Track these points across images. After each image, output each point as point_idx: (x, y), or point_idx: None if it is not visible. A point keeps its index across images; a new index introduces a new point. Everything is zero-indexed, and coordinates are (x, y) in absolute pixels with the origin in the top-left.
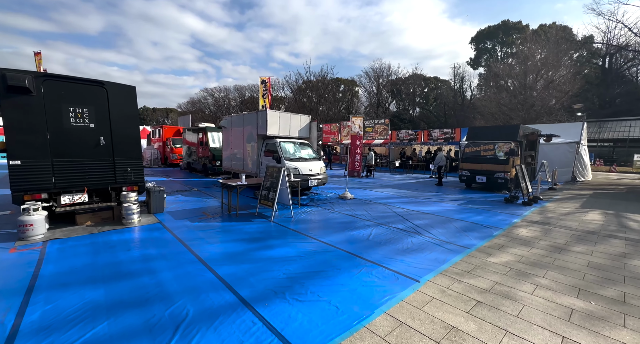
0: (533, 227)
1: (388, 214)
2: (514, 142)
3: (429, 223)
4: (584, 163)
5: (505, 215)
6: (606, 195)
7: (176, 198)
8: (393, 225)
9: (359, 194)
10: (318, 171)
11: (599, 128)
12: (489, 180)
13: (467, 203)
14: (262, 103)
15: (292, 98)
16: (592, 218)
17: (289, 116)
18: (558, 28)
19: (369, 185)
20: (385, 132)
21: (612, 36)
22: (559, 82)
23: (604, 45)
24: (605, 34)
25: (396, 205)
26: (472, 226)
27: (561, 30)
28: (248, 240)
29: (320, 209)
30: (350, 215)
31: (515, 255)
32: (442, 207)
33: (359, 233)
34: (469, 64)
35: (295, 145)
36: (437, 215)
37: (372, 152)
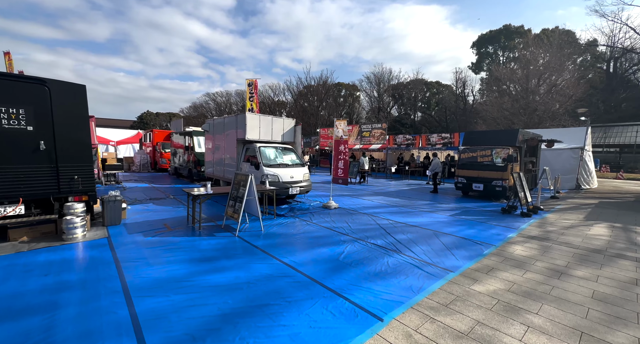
0: (530, 244)
1: (370, 227)
2: (512, 147)
3: (413, 238)
4: (588, 169)
5: (500, 228)
6: (613, 205)
7: (145, 207)
8: (372, 241)
9: (346, 203)
10: (301, 178)
11: (604, 133)
12: (486, 188)
13: (460, 214)
14: (248, 106)
15: (293, 103)
16: (597, 233)
17: (271, 119)
18: (561, 32)
19: (360, 193)
20: (382, 137)
21: (616, 40)
22: (562, 86)
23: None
24: (610, 38)
25: (382, 215)
26: (461, 243)
27: (564, 34)
28: (198, 260)
29: (297, 220)
30: (328, 227)
31: (506, 282)
32: (432, 218)
33: (329, 251)
34: (471, 69)
35: (277, 150)
36: (425, 227)
37: (365, 157)
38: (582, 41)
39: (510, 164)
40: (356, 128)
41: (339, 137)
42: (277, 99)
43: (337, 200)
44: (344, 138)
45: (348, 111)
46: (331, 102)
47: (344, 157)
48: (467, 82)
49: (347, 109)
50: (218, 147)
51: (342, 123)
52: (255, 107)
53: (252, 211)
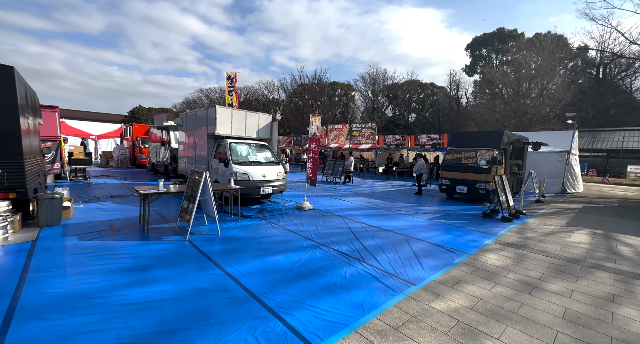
0: (506, 252)
1: (340, 231)
2: (497, 149)
3: (382, 244)
4: (574, 173)
5: (478, 233)
6: (596, 210)
7: (100, 206)
8: (336, 247)
9: (323, 204)
10: (274, 177)
11: (592, 137)
12: (470, 191)
13: (440, 218)
14: (228, 101)
15: (287, 101)
16: (577, 240)
17: (245, 114)
18: (553, 37)
19: (342, 193)
20: (372, 137)
21: (606, 45)
22: (553, 90)
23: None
24: (600, 44)
25: (357, 218)
26: (432, 250)
27: (556, 39)
28: (127, 269)
29: (263, 223)
30: (294, 231)
31: (471, 298)
32: (409, 222)
33: (285, 260)
34: (464, 71)
35: (250, 147)
36: (399, 232)
37: (351, 157)
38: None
39: (495, 166)
40: (346, 128)
41: (313, 134)
42: (271, 97)
43: (315, 200)
44: (317, 136)
45: (343, 110)
46: (326, 100)
47: (314, 155)
48: (461, 84)
49: (341, 109)
50: (190, 142)
51: (317, 120)
52: (235, 101)
53: (209, 213)
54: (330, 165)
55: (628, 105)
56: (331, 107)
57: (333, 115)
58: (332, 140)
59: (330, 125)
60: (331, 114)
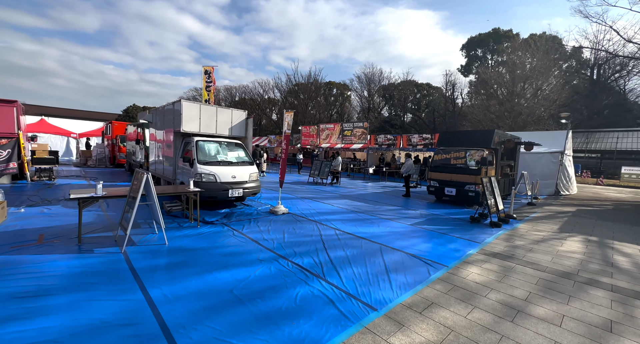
0: (490, 264)
1: (309, 239)
2: (487, 149)
3: (353, 255)
4: (568, 175)
5: (462, 241)
6: (591, 214)
7: (43, 211)
8: (297, 260)
9: (301, 207)
10: (246, 178)
11: (586, 138)
12: (459, 193)
13: (424, 223)
14: (205, 97)
15: (282, 100)
16: (570, 249)
17: (216, 110)
18: (547, 38)
19: (325, 195)
20: (364, 136)
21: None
22: (547, 91)
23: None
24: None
25: (333, 223)
26: (407, 262)
27: (550, 39)
28: (19, 295)
29: (225, 230)
30: (256, 240)
31: (441, 328)
32: (389, 228)
33: (230, 277)
34: (460, 71)
35: (221, 145)
36: (374, 241)
37: (339, 157)
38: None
39: (485, 167)
40: (338, 127)
41: (285, 131)
42: (267, 97)
43: (294, 203)
44: (287, 133)
45: (339, 110)
46: (321, 100)
47: (283, 154)
48: (457, 85)
49: (337, 108)
50: (159, 140)
51: (289, 116)
52: (212, 98)
53: (155, 219)
54: (317, 166)
55: (622, 106)
56: (327, 107)
57: (329, 115)
58: (324, 140)
59: (322, 125)
60: (327, 114)
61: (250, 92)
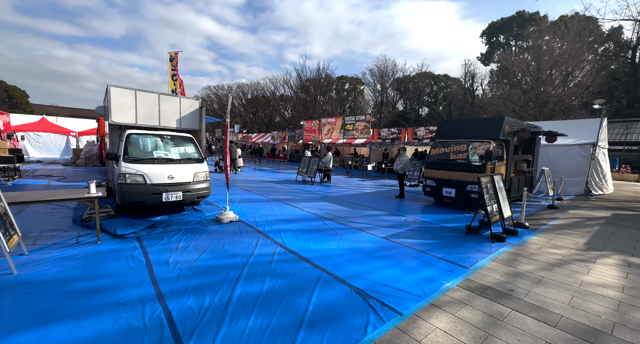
0: (471, 309)
1: (231, 262)
2: (495, 140)
3: (271, 291)
4: (602, 171)
5: (443, 265)
6: (631, 220)
7: None
8: (176, 303)
9: (262, 212)
10: (189, 179)
11: (626, 128)
12: (459, 194)
13: (403, 235)
14: (171, 88)
15: (294, 96)
16: (600, 280)
17: (158, 98)
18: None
19: (303, 197)
20: (366, 131)
21: None
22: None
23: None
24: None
25: (283, 236)
26: (344, 305)
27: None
28: None
29: (129, 247)
30: (154, 264)
31: None
32: (353, 243)
33: (39, 340)
34: (480, 60)
35: (163, 139)
36: (319, 264)
37: (329, 153)
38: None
39: (491, 163)
40: (339, 121)
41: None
42: (278, 93)
43: (257, 207)
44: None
45: (351, 105)
46: (334, 95)
47: (226, 150)
48: (476, 75)
49: (350, 103)
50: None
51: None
52: (179, 88)
53: None
54: (306, 163)
55: None
56: (340, 102)
57: (342, 110)
58: (326, 135)
59: (324, 119)
60: (340, 109)
61: (262, 89)
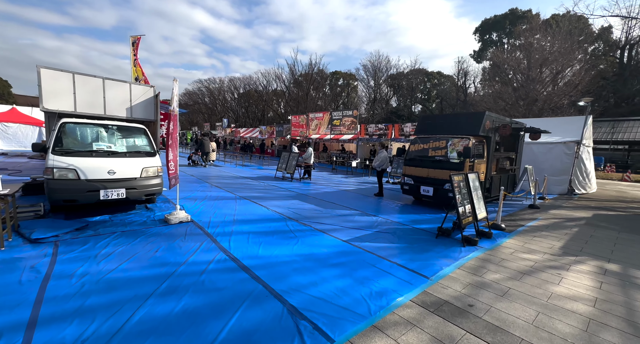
0: (418, 332)
1: (154, 274)
2: (475, 137)
3: (181, 314)
4: (585, 170)
5: (402, 274)
6: (612, 221)
7: None
8: (45, 331)
9: (222, 212)
10: (135, 174)
11: (612, 127)
12: (437, 193)
13: (368, 237)
14: (134, 75)
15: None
16: (572, 292)
17: (102, 83)
18: (571, 17)
19: (276, 194)
20: (353, 126)
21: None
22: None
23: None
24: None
25: (234, 239)
26: (265, 330)
27: (575, 19)
28: None
29: (31, 256)
30: (48, 276)
31: None
32: (310, 248)
33: None
34: (473, 57)
35: (108, 130)
36: (260, 275)
37: (310, 148)
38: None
39: (470, 160)
40: (327, 116)
41: (171, 110)
42: (271, 88)
43: (219, 206)
44: (174, 114)
45: (344, 101)
46: (327, 91)
47: (174, 142)
48: (469, 73)
49: (343, 99)
50: None
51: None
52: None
53: None
54: (285, 158)
55: None
56: (333, 97)
57: (335, 106)
58: (314, 130)
59: (311, 114)
60: (334, 105)
61: (254, 83)
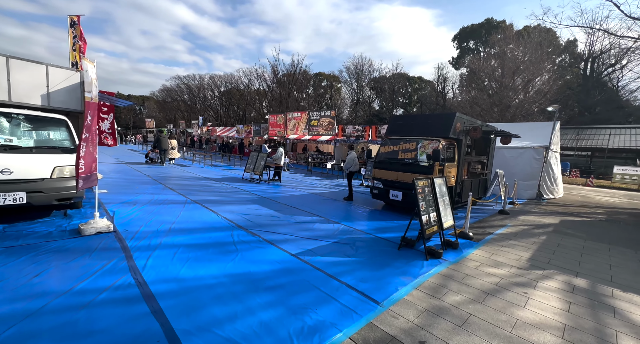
0: None
1: (6, 312)
2: (445, 139)
3: None
4: (553, 175)
5: (350, 298)
6: (578, 228)
7: None
8: None
9: (165, 218)
10: (44, 174)
11: (577, 135)
12: (406, 198)
13: (322, 250)
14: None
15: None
16: (537, 317)
17: (5, 62)
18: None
19: (234, 198)
20: (331, 127)
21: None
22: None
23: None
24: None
25: (161, 256)
26: None
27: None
28: None
29: None
30: None
31: None
32: (254, 264)
33: None
34: (451, 64)
35: (13, 119)
36: (165, 309)
37: (280, 148)
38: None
39: (439, 164)
40: (305, 116)
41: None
42: (253, 88)
43: (160, 211)
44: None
45: (328, 103)
46: (311, 92)
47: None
48: (448, 79)
49: (327, 101)
50: None
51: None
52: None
53: None
54: (253, 159)
55: (614, 103)
56: (317, 99)
57: (319, 108)
58: (292, 130)
59: (289, 114)
60: (317, 107)
61: (235, 81)
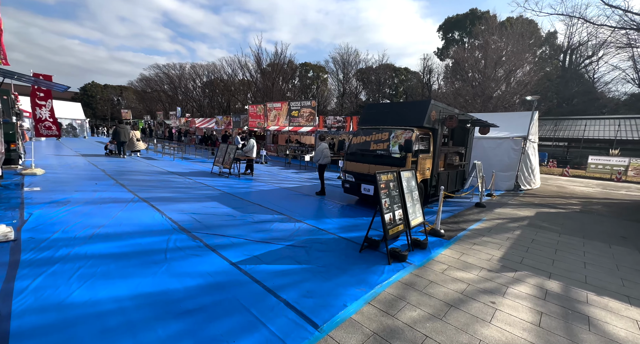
0: None
1: None
2: (419, 128)
3: None
4: (531, 166)
5: (284, 320)
6: (553, 221)
7: None
8: None
9: (95, 219)
10: None
11: (555, 125)
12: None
13: (272, 256)
14: None
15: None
16: (503, 336)
17: None
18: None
19: (193, 194)
20: (312, 118)
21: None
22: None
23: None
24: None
25: (60, 271)
26: None
27: (527, 23)
28: None
29: None
30: None
31: None
32: (178, 278)
33: None
34: (437, 55)
35: None
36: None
37: (252, 140)
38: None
39: (412, 155)
40: (285, 106)
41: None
42: (237, 78)
43: (95, 211)
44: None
45: (314, 94)
46: (297, 83)
47: None
48: (434, 70)
49: (313, 92)
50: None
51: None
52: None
53: None
54: (222, 151)
55: (590, 94)
56: (303, 90)
57: (306, 99)
58: (272, 121)
59: (270, 104)
60: (303, 98)
61: (218, 71)
